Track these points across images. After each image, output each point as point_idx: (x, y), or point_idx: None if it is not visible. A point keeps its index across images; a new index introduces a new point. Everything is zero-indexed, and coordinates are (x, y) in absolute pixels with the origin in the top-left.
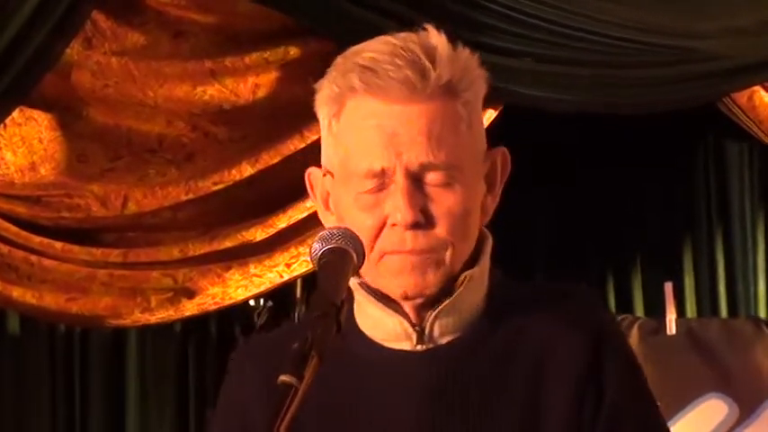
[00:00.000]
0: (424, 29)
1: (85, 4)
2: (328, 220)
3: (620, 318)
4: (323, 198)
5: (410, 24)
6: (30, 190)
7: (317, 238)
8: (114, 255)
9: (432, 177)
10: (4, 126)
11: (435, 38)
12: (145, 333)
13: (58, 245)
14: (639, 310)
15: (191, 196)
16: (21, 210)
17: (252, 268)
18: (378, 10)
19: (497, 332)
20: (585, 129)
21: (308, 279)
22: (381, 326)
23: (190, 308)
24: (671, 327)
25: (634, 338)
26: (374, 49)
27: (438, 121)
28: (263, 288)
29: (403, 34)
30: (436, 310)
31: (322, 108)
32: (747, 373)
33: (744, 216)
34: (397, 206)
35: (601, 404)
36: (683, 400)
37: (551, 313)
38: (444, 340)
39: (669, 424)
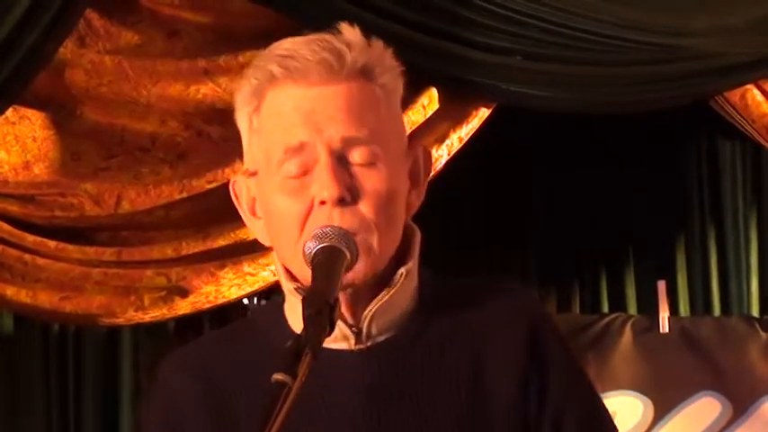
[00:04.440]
0: (338, 30)
1: (79, 3)
2: (256, 227)
3: (613, 316)
4: (249, 205)
5: (403, 22)
6: (23, 189)
7: (310, 237)
8: (108, 253)
9: (355, 155)
10: None
11: (349, 31)
12: (138, 332)
13: (52, 244)
14: (632, 308)
15: (184, 195)
16: (14, 208)
17: (245, 267)
18: (372, 8)
19: (432, 327)
20: (577, 127)
21: None
22: None
23: (183, 306)
24: (664, 325)
25: (627, 336)
26: (291, 41)
27: (356, 100)
28: (256, 287)
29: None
30: (373, 309)
31: (242, 111)
32: (740, 372)
33: (736, 214)
34: (322, 184)
35: (545, 397)
36: (677, 398)
37: (485, 306)
38: (381, 338)
39: (662, 422)
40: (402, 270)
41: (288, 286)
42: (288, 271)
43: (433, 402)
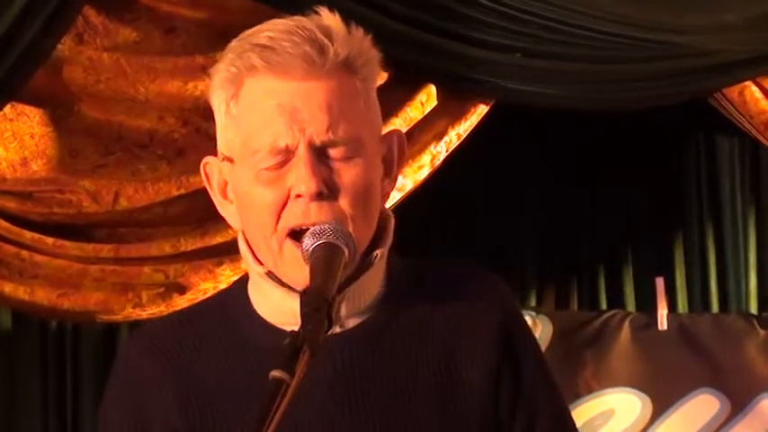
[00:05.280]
0: (317, 12)
1: (77, 0)
2: (226, 210)
3: (611, 313)
4: (220, 187)
5: (402, 19)
6: (21, 185)
7: (308, 234)
8: (106, 250)
9: (334, 151)
10: None
11: (329, 18)
12: (136, 329)
13: (50, 240)
14: (631, 305)
15: (182, 192)
16: (12, 205)
17: (243, 264)
18: (370, 5)
19: (402, 313)
20: (575, 124)
21: None
22: (285, 310)
23: (181, 303)
24: (662, 322)
25: (626, 334)
26: (270, 29)
27: (337, 96)
28: None
29: (297, 17)
30: (344, 291)
31: (217, 92)
32: (738, 369)
33: (735, 211)
34: (300, 177)
35: (518, 390)
36: (675, 395)
37: (457, 293)
38: (351, 323)
39: (661, 419)
40: (377, 252)
41: (256, 270)
42: (254, 254)
43: (403, 388)
